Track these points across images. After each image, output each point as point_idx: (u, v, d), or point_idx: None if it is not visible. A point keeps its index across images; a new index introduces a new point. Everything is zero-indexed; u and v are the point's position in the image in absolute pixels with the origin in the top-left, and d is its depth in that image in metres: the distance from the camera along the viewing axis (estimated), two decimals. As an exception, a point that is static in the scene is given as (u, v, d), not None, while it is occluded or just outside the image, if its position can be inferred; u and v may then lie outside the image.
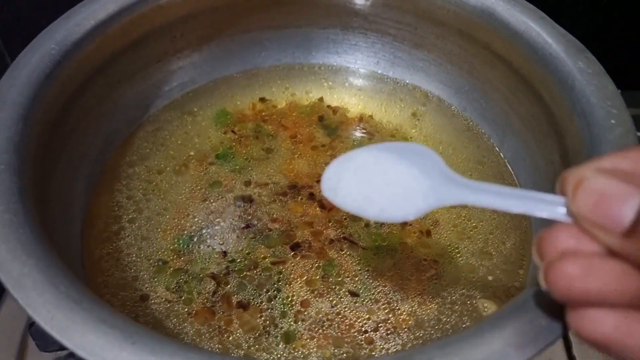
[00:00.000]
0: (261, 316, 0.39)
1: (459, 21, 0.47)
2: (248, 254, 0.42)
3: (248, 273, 0.41)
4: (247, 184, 0.46)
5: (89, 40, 0.42)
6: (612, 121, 0.36)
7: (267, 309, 0.39)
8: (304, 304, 0.39)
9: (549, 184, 0.42)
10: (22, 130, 0.35)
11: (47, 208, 0.37)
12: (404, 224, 0.44)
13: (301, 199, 0.45)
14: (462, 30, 0.48)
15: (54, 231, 0.37)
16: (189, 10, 0.49)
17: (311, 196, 0.46)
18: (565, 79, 0.40)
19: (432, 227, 0.44)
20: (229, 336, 0.38)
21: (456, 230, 0.44)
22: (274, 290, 0.40)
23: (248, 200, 0.45)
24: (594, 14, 0.67)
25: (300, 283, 0.41)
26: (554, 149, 0.42)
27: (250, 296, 0.40)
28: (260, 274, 0.41)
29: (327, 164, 0.47)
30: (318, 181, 0.46)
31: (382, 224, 0.44)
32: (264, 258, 0.42)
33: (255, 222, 0.44)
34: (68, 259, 0.38)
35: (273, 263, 0.41)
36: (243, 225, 0.44)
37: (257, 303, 0.40)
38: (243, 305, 0.39)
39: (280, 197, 0.46)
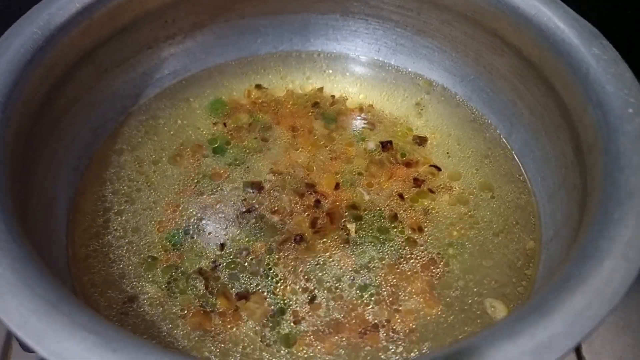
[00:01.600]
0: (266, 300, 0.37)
1: (465, 6, 0.45)
2: (244, 244, 0.40)
3: (239, 260, 0.39)
4: (243, 176, 0.44)
5: (74, 25, 0.40)
6: (630, 110, 0.34)
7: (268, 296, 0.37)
8: (296, 313, 0.37)
9: (560, 177, 0.40)
10: (1, 120, 0.33)
11: (29, 203, 0.35)
12: (394, 219, 0.42)
13: (298, 189, 0.43)
14: (468, 16, 0.45)
15: (35, 228, 0.35)
16: (181, -6, 0.46)
17: (309, 188, 0.43)
18: (579, 66, 0.37)
19: (424, 222, 0.42)
20: (237, 329, 0.36)
21: (463, 228, 0.42)
22: (269, 278, 0.38)
23: (256, 188, 0.43)
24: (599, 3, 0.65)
25: (297, 282, 0.39)
26: (566, 140, 0.40)
27: (246, 285, 0.38)
28: (252, 261, 0.39)
29: (325, 156, 0.46)
30: (311, 173, 0.44)
31: (379, 222, 0.42)
32: (261, 248, 0.40)
33: (253, 217, 0.42)
34: (51, 258, 0.36)
35: (267, 253, 0.40)
36: (235, 217, 0.41)
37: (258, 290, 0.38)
38: (244, 296, 0.37)
39: (276, 191, 0.43)
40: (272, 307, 0.37)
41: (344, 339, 0.36)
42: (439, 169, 0.45)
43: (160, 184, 0.43)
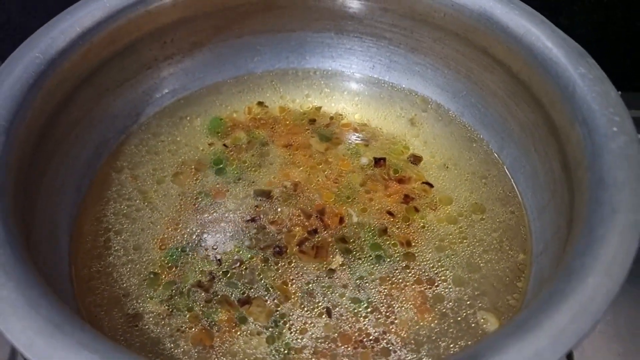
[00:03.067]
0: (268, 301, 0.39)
1: (456, 25, 0.46)
2: (242, 256, 0.41)
3: (235, 271, 0.40)
4: (243, 192, 0.45)
5: (75, 49, 0.41)
6: (615, 129, 0.35)
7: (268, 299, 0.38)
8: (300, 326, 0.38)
9: (549, 192, 0.41)
10: (4, 144, 0.34)
11: (32, 226, 0.36)
12: (384, 233, 0.43)
13: (296, 203, 0.44)
14: (459, 34, 0.47)
15: (39, 250, 0.36)
16: (180, 15, 0.47)
17: (306, 202, 0.45)
18: (565, 84, 0.38)
19: (414, 238, 0.43)
20: (244, 331, 0.37)
21: (454, 243, 0.43)
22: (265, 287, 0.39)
23: (256, 205, 0.44)
24: (593, 11, 0.66)
25: (294, 292, 0.40)
26: (554, 156, 0.41)
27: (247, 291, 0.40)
28: (246, 271, 0.40)
29: (322, 172, 0.47)
30: (309, 190, 0.46)
31: (372, 239, 0.43)
32: (252, 258, 0.41)
33: (254, 228, 0.43)
34: (55, 279, 0.37)
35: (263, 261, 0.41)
36: (234, 232, 0.43)
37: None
38: (246, 301, 0.39)
39: (277, 204, 0.45)
40: (276, 310, 0.38)
41: (345, 349, 0.37)
42: (431, 186, 0.46)
43: (161, 202, 0.45)
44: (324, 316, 0.38)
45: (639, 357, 0.45)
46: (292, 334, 0.38)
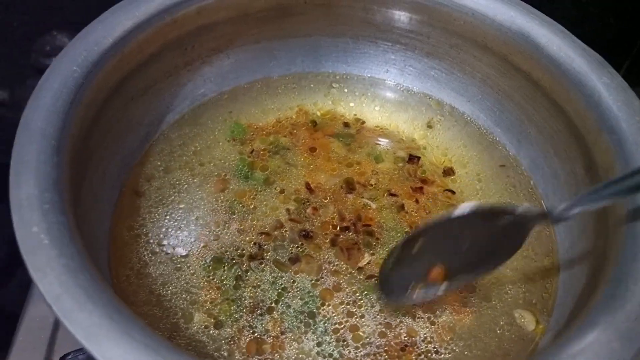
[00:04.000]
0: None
1: (476, 32, 0.48)
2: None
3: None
4: (271, 197, 0.46)
5: (108, 59, 0.40)
6: (643, 137, 0.38)
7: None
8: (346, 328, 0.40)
9: (571, 195, 0.44)
10: (58, 165, 0.34)
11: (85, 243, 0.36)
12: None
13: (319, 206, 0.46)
14: (477, 41, 0.48)
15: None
16: (203, 22, 0.47)
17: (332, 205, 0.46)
18: (590, 93, 0.41)
19: None
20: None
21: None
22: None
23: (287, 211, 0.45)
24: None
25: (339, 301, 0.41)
26: (576, 161, 0.44)
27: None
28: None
29: (344, 174, 0.48)
30: (336, 192, 0.47)
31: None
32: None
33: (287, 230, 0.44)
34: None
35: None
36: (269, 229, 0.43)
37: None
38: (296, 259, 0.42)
39: (304, 208, 0.45)
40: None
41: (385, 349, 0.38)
42: (453, 192, 0.48)
43: (194, 207, 0.45)
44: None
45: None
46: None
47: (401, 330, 0.40)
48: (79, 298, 0.28)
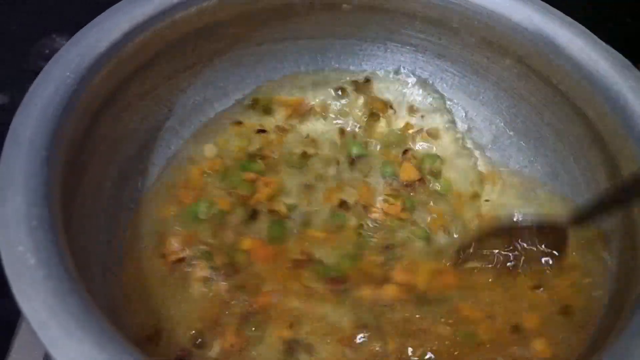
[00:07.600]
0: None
1: (491, 33, 0.45)
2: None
3: None
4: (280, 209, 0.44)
5: (104, 64, 0.38)
6: (674, 144, 0.35)
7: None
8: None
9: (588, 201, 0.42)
10: (48, 175, 0.31)
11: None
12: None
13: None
14: (492, 42, 0.46)
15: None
16: (204, 23, 0.45)
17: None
18: (615, 97, 0.39)
19: None
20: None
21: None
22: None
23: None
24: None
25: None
26: (597, 167, 0.41)
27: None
28: None
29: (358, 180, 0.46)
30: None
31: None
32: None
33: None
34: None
35: None
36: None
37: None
38: None
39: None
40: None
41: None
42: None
43: (201, 222, 0.43)
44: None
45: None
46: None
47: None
48: (67, 325, 0.26)
